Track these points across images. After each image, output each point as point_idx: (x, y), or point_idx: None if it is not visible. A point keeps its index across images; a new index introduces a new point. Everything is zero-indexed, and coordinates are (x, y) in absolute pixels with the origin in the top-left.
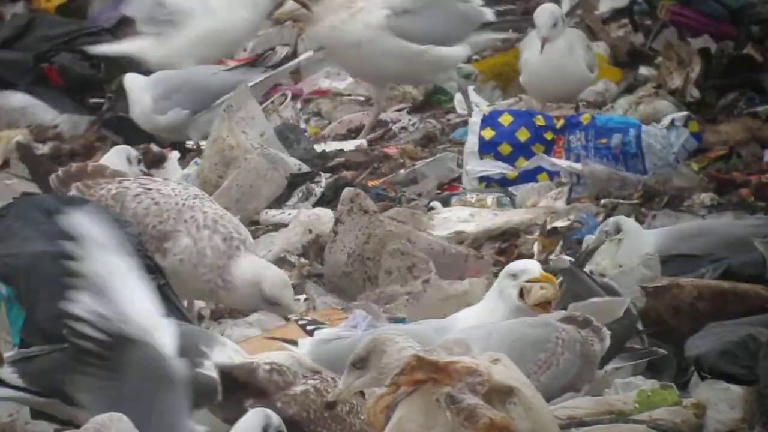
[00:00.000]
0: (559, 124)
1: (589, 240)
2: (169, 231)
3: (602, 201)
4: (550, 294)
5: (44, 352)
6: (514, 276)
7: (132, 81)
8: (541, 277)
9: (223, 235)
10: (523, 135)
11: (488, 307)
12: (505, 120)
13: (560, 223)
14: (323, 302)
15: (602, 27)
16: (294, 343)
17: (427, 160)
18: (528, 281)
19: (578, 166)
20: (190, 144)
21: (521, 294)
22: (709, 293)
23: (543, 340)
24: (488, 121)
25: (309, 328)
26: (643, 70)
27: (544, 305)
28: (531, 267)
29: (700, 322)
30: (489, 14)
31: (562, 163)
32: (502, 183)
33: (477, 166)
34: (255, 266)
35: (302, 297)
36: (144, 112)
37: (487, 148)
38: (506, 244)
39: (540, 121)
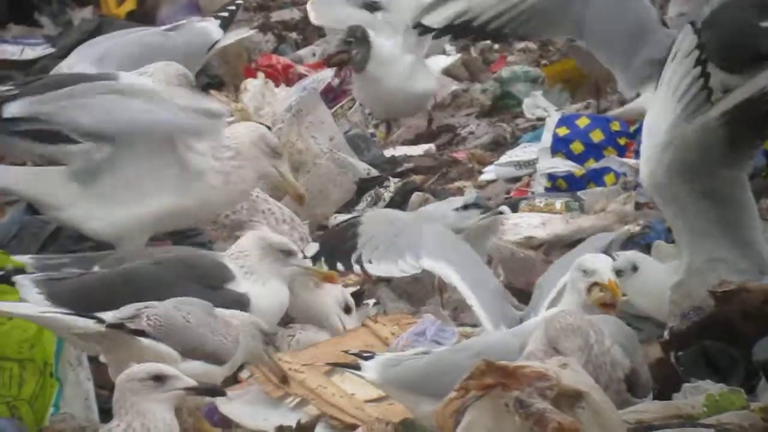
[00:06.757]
0: (633, 128)
1: (659, 245)
2: (244, 221)
3: None
4: (608, 298)
5: (70, 274)
6: (585, 272)
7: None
8: (608, 285)
9: (301, 235)
10: (596, 136)
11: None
12: (582, 122)
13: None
14: (394, 307)
15: None
16: (356, 368)
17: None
18: (595, 284)
19: None
20: None
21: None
22: None
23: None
24: (565, 121)
25: (365, 355)
26: None
27: (606, 305)
28: (602, 268)
29: None
30: None
31: (630, 161)
32: (569, 180)
33: (547, 164)
34: None
35: (372, 301)
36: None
37: (559, 146)
38: None
39: (616, 126)
